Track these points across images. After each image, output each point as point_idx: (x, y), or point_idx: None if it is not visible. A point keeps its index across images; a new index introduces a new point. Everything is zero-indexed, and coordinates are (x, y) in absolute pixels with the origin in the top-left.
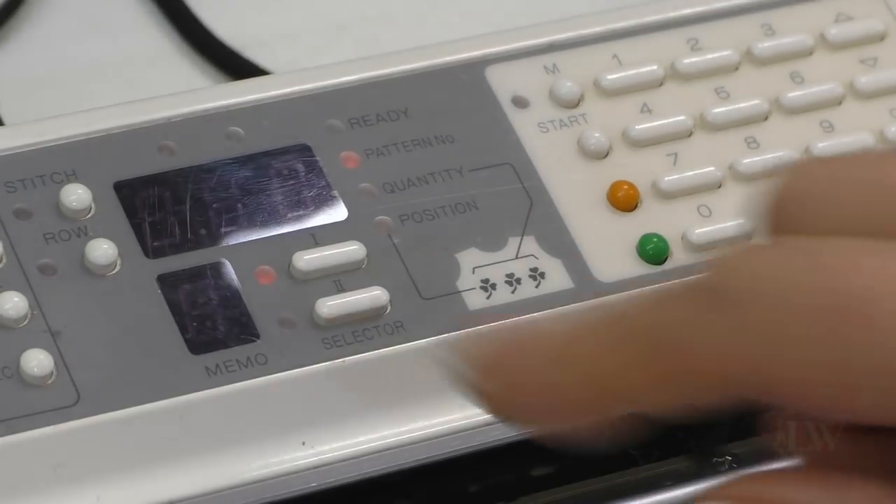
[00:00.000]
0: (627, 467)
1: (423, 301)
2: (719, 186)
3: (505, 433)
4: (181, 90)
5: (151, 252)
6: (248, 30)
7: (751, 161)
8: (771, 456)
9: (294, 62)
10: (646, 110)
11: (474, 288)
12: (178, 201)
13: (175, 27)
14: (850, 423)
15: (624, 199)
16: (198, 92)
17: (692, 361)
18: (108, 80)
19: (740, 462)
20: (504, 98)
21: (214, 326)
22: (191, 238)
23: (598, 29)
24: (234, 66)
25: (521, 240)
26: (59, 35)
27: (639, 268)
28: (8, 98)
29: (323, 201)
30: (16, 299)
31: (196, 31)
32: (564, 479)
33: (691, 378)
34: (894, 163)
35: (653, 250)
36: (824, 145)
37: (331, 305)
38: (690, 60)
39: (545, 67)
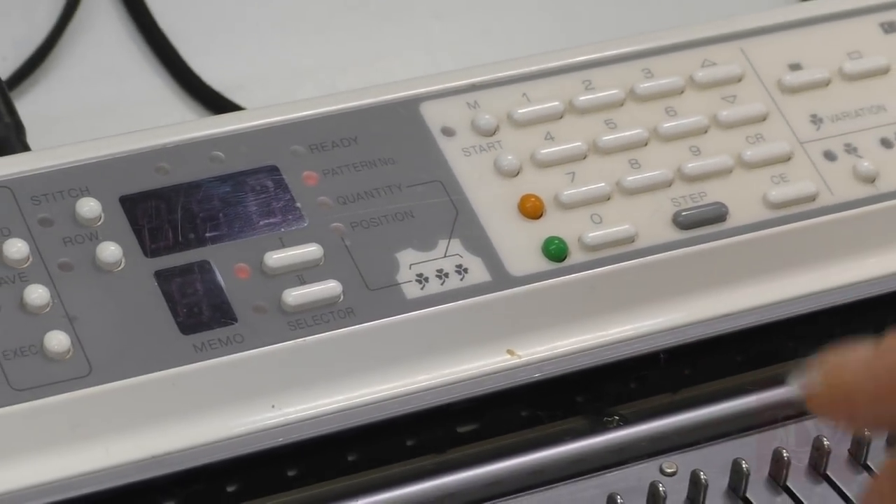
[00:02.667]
0: (536, 425)
1: (370, 291)
2: (608, 199)
3: (436, 398)
4: (174, 122)
5: (150, 252)
6: (230, 76)
7: (633, 178)
8: (650, 416)
9: (266, 102)
10: (549, 138)
11: (411, 281)
12: (172, 211)
13: (170, 73)
14: None
15: (531, 209)
16: (187, 123)
17: None
18: (116, 115)
19: (626, 420)
20: (435, 128)
21: (201, 312)
22: (181, 241)
23: (510, 72)
24: (217, 104)
25: (449, 242)
26: (77, 81)
27: (543, 264)
28: (35, 130)
29: (288, 211)
30: (40, 291)
31: (187, 77)
32: (485, 434)
33: None
34: None
35: (555, 250)
36: (693, 165)
37: (295, 295)
38: (585, 98)
39: (468, 104)
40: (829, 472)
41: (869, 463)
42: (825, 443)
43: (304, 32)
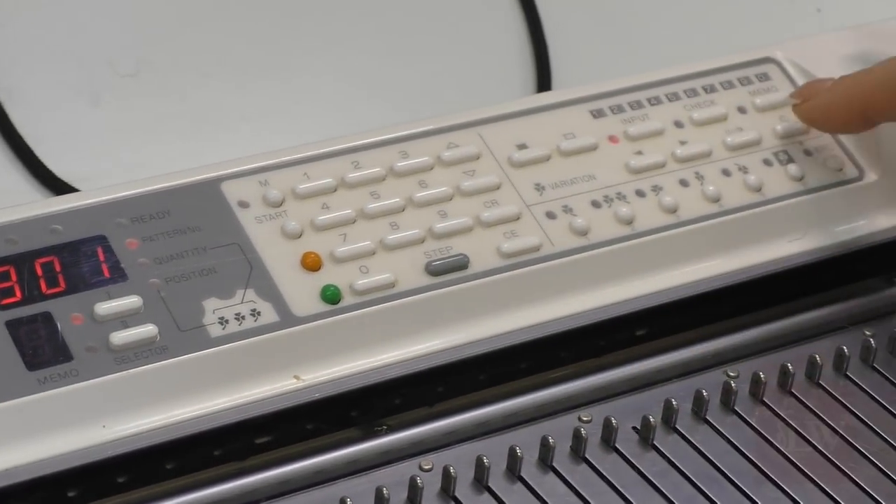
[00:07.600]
0: (319, 435)
1: (181, 332)
2: (373, 253)
3: (237, 415)
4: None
5: (2, 306)
6: (77, 171)
7: (393, 237)
8: (411, 425)
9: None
10: (325, 207)
11: (214, 323)
12: (20, 273)
13: (29, 170)
14: None
15: (311, 263)
16: (31, 203)
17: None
18: None
19: (391, 429)
20: (233, 202)
21: (43, 352)
22: (28, 296)
23: (294, 156)
24: (64, 191)
25: (245, 291)
26: None
27: (321, 307)
28: None
29: (115, 270)
30: None
31: (42, 172)
32: (277, 443)
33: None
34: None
35: (330, 295)
36: (440, 226)
37: (120, 337)
38: (354, 175)
39: (259, 182)
40: (554, 464)
41: (587, 456)
42: (550, 441)
43: (137, 136)
